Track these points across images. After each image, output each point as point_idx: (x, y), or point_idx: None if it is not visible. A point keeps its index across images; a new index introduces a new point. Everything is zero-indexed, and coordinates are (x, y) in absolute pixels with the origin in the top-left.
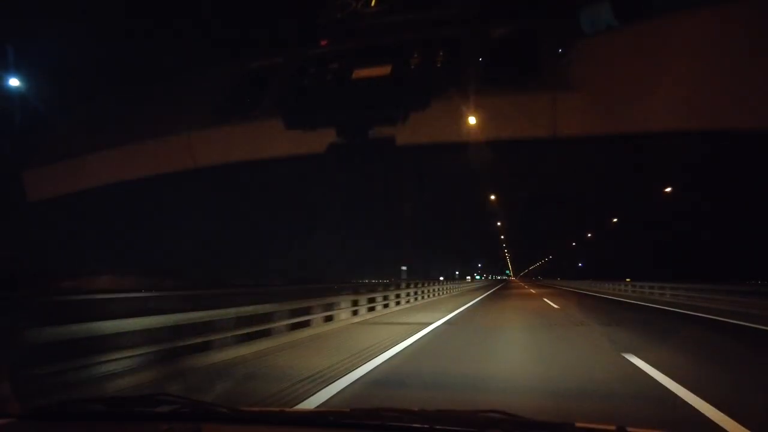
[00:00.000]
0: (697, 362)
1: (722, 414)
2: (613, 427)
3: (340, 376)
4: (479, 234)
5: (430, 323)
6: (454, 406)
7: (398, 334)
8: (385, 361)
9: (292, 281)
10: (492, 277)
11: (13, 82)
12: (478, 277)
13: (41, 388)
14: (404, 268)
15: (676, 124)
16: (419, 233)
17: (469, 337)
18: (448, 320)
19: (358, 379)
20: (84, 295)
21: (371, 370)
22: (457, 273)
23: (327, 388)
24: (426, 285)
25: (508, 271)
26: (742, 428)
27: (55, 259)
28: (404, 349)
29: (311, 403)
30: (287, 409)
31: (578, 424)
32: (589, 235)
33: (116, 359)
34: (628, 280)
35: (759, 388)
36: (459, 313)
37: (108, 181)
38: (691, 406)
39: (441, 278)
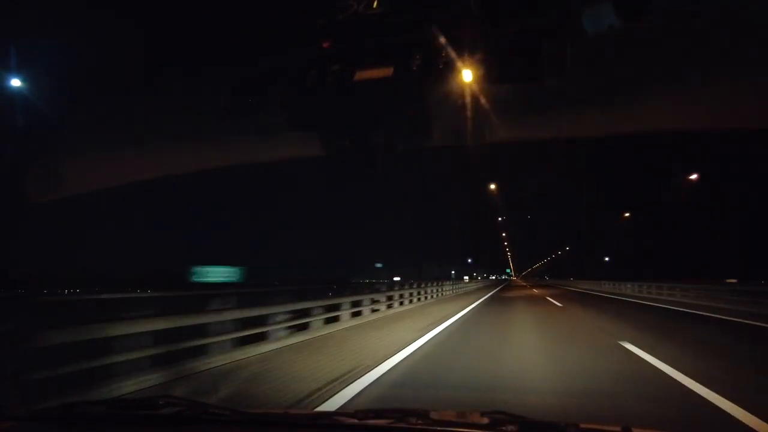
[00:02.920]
0: None
1: None
2: (618, 428)
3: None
4: (479, 235)
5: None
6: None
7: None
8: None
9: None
10: (490, 276)
11: (15, 82)
12: (483, 276)
13: (43, 390)
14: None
15: (677, 124)
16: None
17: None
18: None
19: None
20: (86, 295)
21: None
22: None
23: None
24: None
25: (509, 270)
26: None
27: (56, 260)
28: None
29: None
30: (291, 411)
31: (582, 425)
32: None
33: (120, 361)
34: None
35: None
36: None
37: (111, 183)
38: None
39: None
